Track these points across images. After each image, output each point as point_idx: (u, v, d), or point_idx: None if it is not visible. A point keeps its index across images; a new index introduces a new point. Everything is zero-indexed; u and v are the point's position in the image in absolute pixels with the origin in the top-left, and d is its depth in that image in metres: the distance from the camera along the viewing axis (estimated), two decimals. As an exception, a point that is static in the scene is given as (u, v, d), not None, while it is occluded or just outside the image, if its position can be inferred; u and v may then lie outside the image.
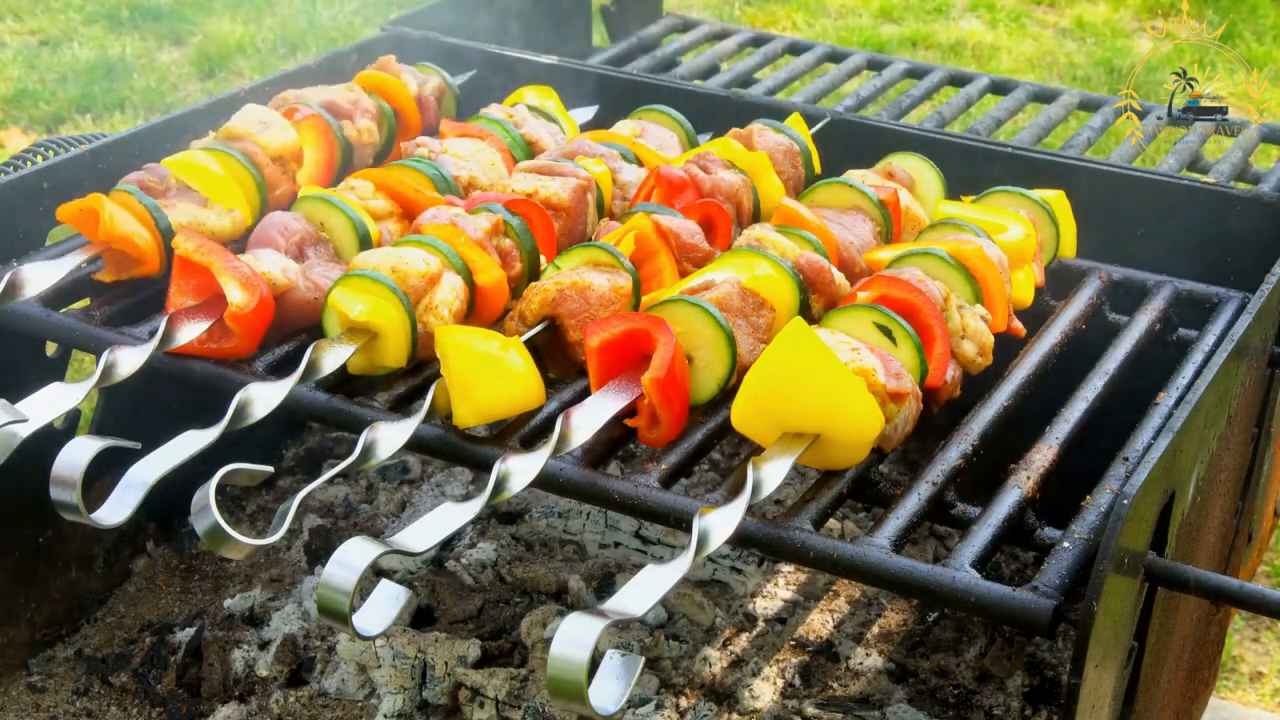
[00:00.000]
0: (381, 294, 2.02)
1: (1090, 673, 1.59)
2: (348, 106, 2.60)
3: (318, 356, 1.95)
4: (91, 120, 5.62)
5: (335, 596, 1.43)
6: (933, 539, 2.93)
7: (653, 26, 3.61)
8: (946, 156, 2.54)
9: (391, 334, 2.02)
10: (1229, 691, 3.12)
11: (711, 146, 2.51)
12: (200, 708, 2.60)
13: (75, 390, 1.90)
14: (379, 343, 2.03)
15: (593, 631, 1.38)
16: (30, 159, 2.65)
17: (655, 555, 2.88)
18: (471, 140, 2.54)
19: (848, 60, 3.37)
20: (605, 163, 2.46)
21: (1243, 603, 1.74)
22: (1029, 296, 2.25)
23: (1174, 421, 1.78)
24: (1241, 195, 2.51)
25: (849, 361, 1.83)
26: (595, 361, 1.92)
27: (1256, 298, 2.14)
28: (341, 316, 2.03)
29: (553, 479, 1.84)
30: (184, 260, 2.08)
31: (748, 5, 6.91)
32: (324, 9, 6.60)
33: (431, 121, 2.75)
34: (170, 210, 2.27)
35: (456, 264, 2.12)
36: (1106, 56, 6.26)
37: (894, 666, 2.66)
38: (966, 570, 1.67)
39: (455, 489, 3.09)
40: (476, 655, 2.57)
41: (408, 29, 3.09)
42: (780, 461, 1.73)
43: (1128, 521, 1.57)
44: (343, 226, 2.24)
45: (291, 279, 2.11)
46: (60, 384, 1.92)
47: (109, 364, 1.94)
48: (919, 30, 6.62)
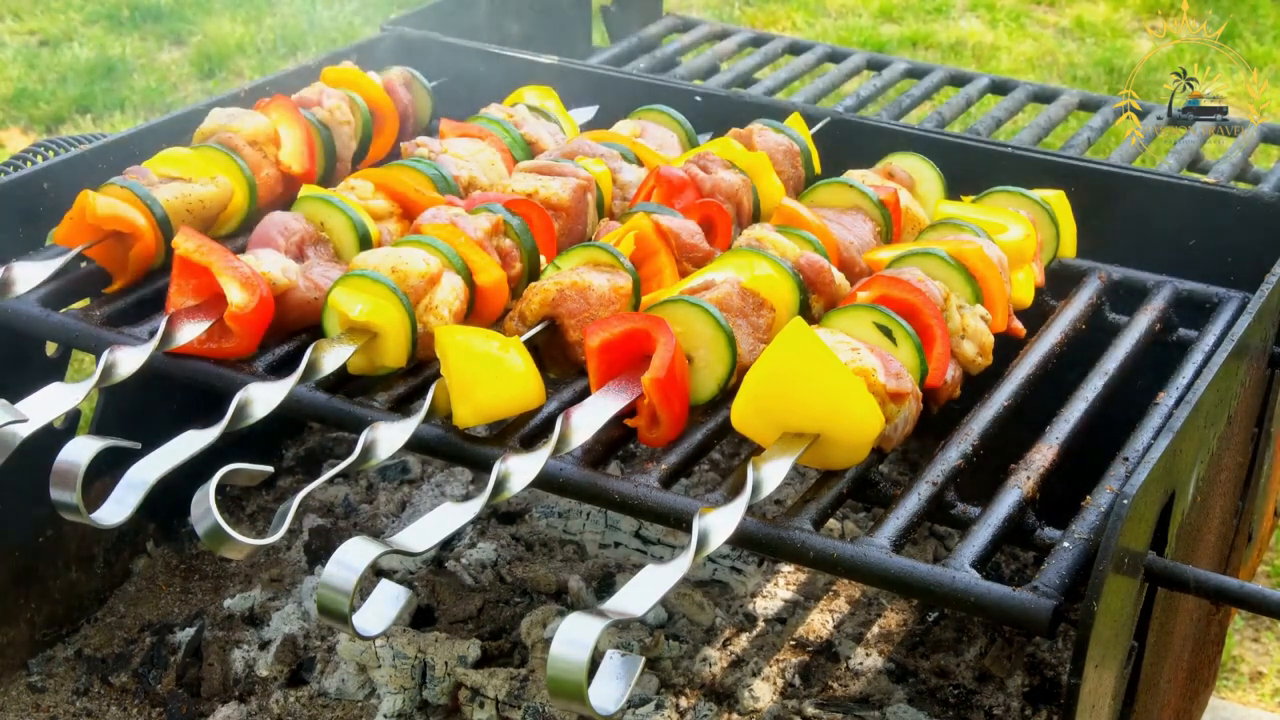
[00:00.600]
0: (381, 294, 2.02)
1: (1090, 673, 1.59)
2: (314, 96, 2.63)
3: (318, 356, 1.95)
4: (91, 120, 5.62)
5: (335, 597, 1.43)
6: (933, 539, 2.93)
7: (653, 26, 3.61)
8: (946, 156, 2.54)
9: (391, 334, 2.02)
10: (1229, 691, 3.12)
11: (711, 146, 2.51)
12: (200, 708, 2.60)
13: (75, 390, 1.90)
14: (379, 343, 2.03)
15: (593, 631, 1.38)
16: (30, 159, 2.65)
17: (655, 555, 2.88)
18: (471, 140, 2.54)
19: (848, 60, 3.37)
20: (605, 163, 2.46)
21: (1243, 603, 1.74)
22: (1029, 296, 2.25)
23: (1174, 421, 1.78)
24: (1241, 195, 2.51)
25: (849, 361, 1.83)
26: (595, 361, 1.92)
27: (1256, 298, 2.14)
28: (341, 316, 2.03)
29: (553, 479, 1.84)
30: (184, 261, 2.08)
31: (748, 5, 6.91)
32: (324, 9, 6.60)
33: (406, 108, 2.76)
34: (157, 193, 2.28)
35: (456, 264, 2.12)
36: (1106, 56, 6.26)
37: (894, 666, 2.66)
38: (966, 570, 1.67)
39: (455, 489, 3.09)
40: (476, 655, 2.57)
41: (408, 29, 3.09)
42: (780, 461, 1.73)
43: (1128, 521, 1.57)
44: (343, 226, 2.24)
45: (291, 279, 2.12)
46: (60, 384, 1.92)
47: (109, 364, 1.94)
48: (919, 30, 6.61)
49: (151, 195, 2.27)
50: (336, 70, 2.77)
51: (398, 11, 3.20)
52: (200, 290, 2.08)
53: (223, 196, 2.35)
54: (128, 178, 2.31)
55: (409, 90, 2.80)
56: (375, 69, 2.84)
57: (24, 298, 2.17)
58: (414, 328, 2.03)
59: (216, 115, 2.53)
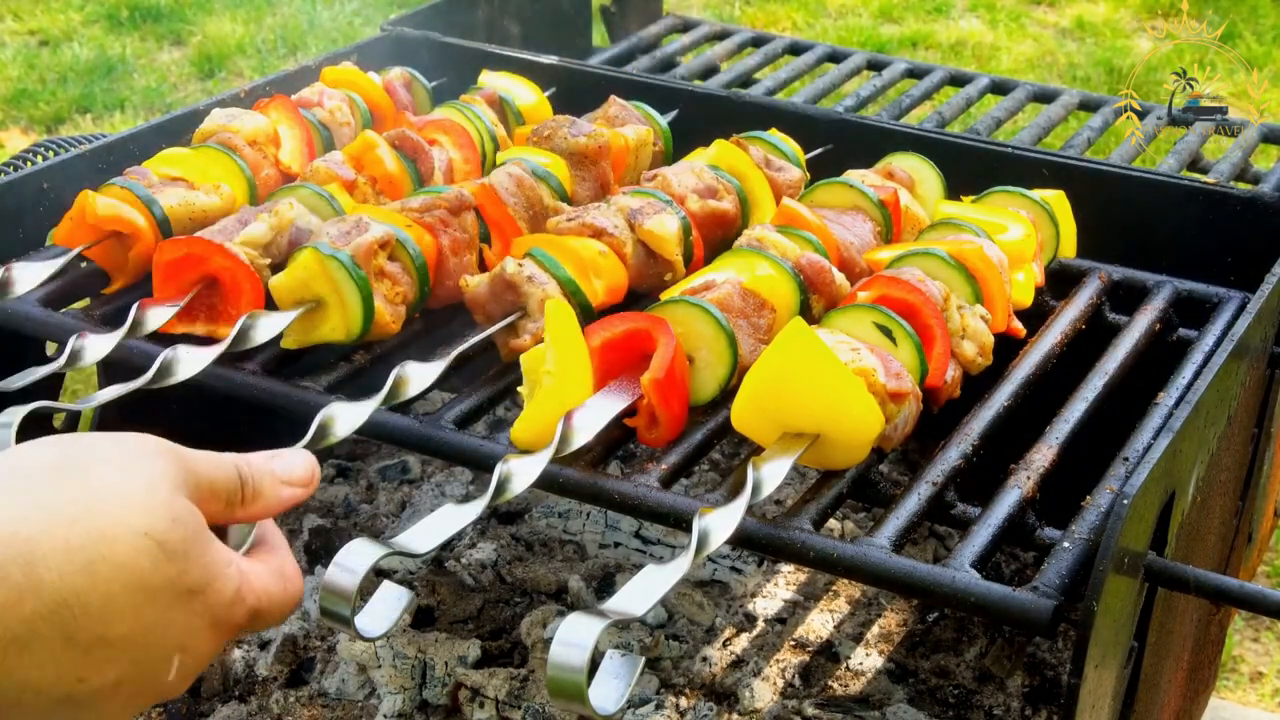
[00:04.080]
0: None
1: (1090, 673, 1.59)
2: (314, 96, 2.63)
3: (251, 324, 1.99)
4: (91, 120, 5.62)
5: (337, 599, 1.43)
6: (933, 539, 2.93)
7: (653, 26, 3.61)
8: (946, 156, 2.54)
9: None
10: (1229, 691, 3.12)
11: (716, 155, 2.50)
12: (200, 708, 2.60)
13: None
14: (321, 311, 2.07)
15: (593, 631, 1.38)
16: (30, 159, 2.65)
17: (655, 555, 2.88)
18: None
19: (848, 60, 3.37)
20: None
21: (1243, 603, 1.74)
22: (1029, 297, 2.25)
23: (1174, 421, 1.78)
24: (1241, 195, 2.51)
25: (849, 361, 1.83)
26: (596, 361, 1.92)
27: (1256, 298, 2.14)
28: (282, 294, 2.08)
29: (553, 479, 1.84)
30: (166, 266, 2.09)
31: (748, 5, 6.91)
32: (324, 9, 6.60)
33: (406, 108, 2.77)
34: (159, 195, 2.28)
35: None
36: (1106, 56, 6.26)
37: (894, 666, 2.66)
38: (966, 570, 1.67)
39: (455, 489, 3.09)
40: (476, 655, 2.57)
41: (407, 29, 3.09)
42: (780, 461, 1.73)
43: (1128, 521, 1.57)
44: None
45: None
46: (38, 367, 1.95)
47: (75, 350, 1.96)
48: (919, 30, 6.62)
49: (151, 195, 2.27)
50: (336, 70, 2.77)
51: (398, 11, 3.21)
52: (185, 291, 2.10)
53: (226, 208, 2.35)
54: (128, 178, 2.31)
55: (409, 90, 2.81)
56: (375, 69, 2.84)
57: (24, 298, 2.17)
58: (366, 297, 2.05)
59: (216, 115, 2.53)
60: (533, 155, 2.46)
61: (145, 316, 2.03)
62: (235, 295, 2.11)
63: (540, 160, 2.43)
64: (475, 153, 2.57)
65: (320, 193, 2.29)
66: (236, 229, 2.18)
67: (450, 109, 2.65)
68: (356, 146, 2.45)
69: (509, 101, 2.75)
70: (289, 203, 2.21)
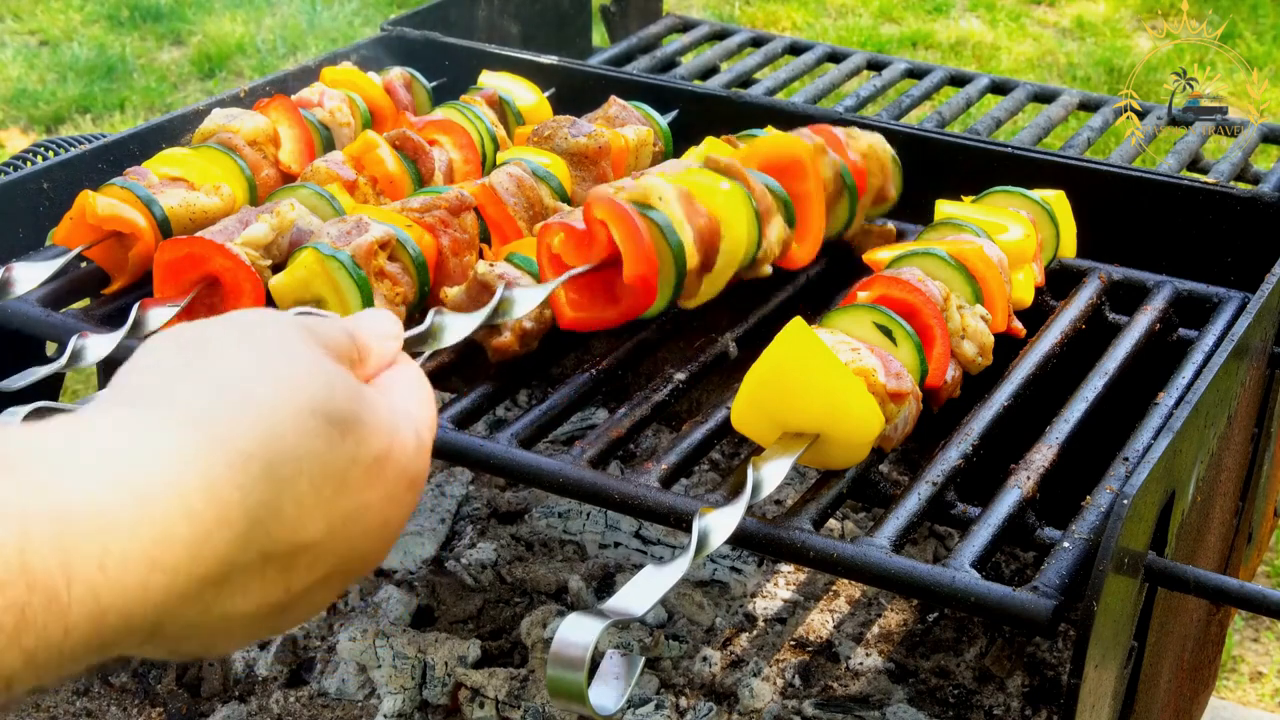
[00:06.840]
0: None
1: (1090, 673, 1.59)
2: (314, 96, 2.63)
3: None
4: (91, 120, 5.62)
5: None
6: (933, 539, 2.93)
7: (653, 26, 3.61)
8: (946, 156, 2.54)
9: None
10: (1229, 691, 3.13)
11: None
12: (200, 708, 2.60)
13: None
14: None
15: (593, 631, 1.38)
16: (30, 159, 2.65)
17: (655, 555, 2.88)
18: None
19: (848, 60, 3.37)
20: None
21: (1243, 603, 1.74)
22: (1029, 296, 2.25)
23: (1174, 421, 1.78)
24: (1241, 195, 2.51)
25: (849, 361, 1.83)
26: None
27: (1256, 298, 2.14)
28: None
29: (553, 479, 1.84)
30: (166, 266, 2.09)
31: (748, 5, 6.91)
32: (324, 9, 6.60)
33: (406, 108, 2.77)
34: (160, 196, 2.28)
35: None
36: (1106, 56, 6.26)
37: (894, 666, 2.66)
38: (966, 570, 1.67)
39: (456, 489, 3.09)
40: (476, 655, 2.57)
41: (407, 29, 3.09)
42: (780, 461, 1.73)
43: (1128, 521, 1.57)
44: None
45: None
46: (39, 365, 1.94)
47: (76, 350, 1.95)
48: (919, 30, 6.62)
49: (151, 196, 2.27)
50: (336, 70, 2.77)
51: (398, 11, 3.21)
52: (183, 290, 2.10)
53: (226, 208, 2.35)
54: (128, 178, 2.31)
55: (409, 90, 2.81)
56: (375, 69, 2.84)
57: (24, 298, 2.17)
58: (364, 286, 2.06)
59: (216, 115, 2.53)
60: (533, 155, 2.46)
61: (146, 316, 2.03)
62: (236, 295, 2.11)
63: (540, 160, 2.43)
64: (475, 153, 2.57)
65: (320, 193, 2.29)
66: (237, 229, 2.18)
67: (450, 109, 2.65)
68: (357, 147, 2.45)
69: (509, 102, 2.75)
70: (290, 203, 2.21)
